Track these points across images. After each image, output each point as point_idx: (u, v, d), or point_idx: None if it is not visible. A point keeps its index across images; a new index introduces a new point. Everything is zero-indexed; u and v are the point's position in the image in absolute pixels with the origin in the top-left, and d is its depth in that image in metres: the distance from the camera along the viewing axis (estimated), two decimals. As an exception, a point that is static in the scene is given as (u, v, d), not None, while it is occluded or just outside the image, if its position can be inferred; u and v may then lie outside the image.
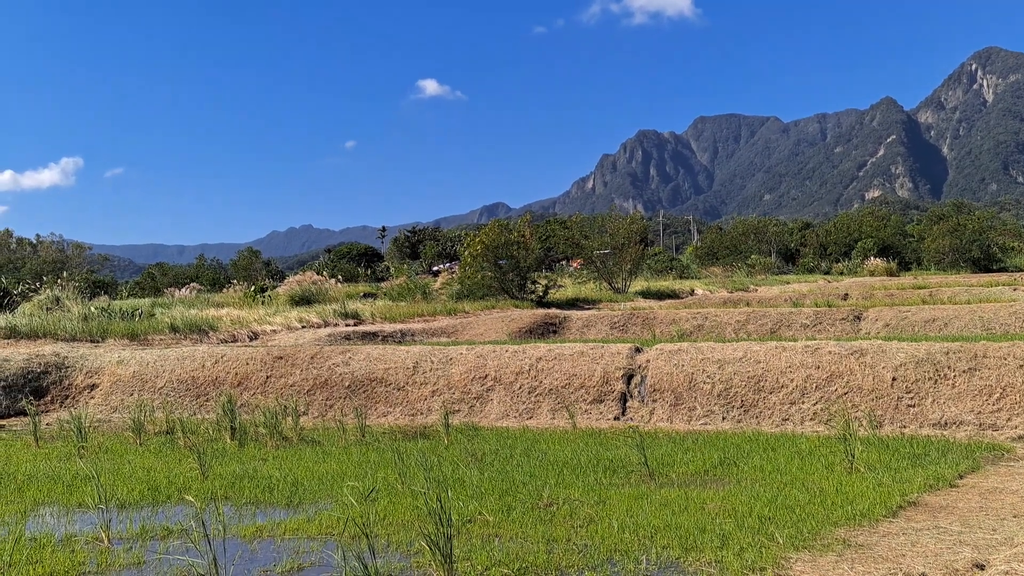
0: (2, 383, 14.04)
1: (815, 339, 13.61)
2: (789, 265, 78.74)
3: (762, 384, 11.54)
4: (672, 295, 37.93)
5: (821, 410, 11.01)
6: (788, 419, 11.06)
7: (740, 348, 12.31)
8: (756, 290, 41.20)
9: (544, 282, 34.17)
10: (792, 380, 11.44)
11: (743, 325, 21.63)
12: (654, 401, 11.93)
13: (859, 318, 20.90)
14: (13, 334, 17.62)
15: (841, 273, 61.37)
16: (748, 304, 28.30)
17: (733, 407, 11.44)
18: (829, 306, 22.96)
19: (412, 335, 21.48)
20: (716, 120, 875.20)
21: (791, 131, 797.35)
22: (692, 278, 56.11)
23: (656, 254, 71.84)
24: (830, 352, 11.66)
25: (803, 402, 11.20)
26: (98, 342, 17.68)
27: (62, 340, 17.47)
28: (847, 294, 31.25)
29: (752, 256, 71.32)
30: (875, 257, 64.54)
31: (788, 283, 48.99)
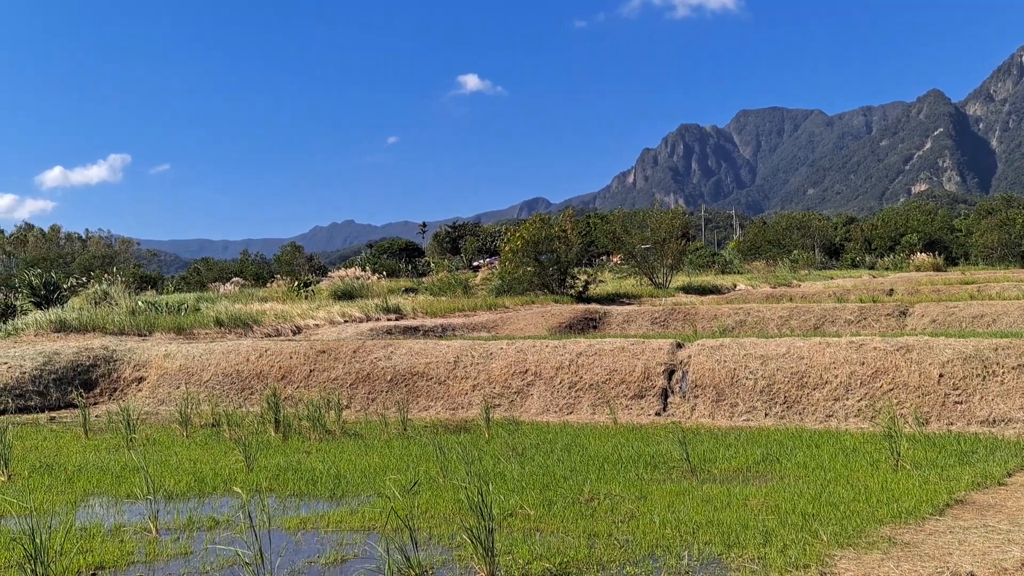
0: (53, 376, 14.36)
1: (860, 335, 13.42)
2: (833, 260, 77.69)
3: (805, 380, 11.41)
4: (714, 290, 37.62)
5: (866, 407, 10.86)
6: (832, 415, 10.93)
7: (783, 344, 12.18)
8: (799, 285, 40.69)
9: (584, 277, 34.08)
10: (836, 376, 11.30)
11: (786, 321, 21.39)
12: (695, 397, 11.86)
13: (905, 314, 20.57)
14: (63, 328, 18.02)
15: (886, 268, 60.37)
16: (791, 300, 27.97)
17: (776, 403, 11.33)
18: (874, 301, 22.64)
19: (452, 330, 21.57)
20: (759, 113, 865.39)
21: (835, 124, 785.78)
22: (734, 273, 55.60)
23: (697, 249, 71.30)
24: (875, 348, 11.49)
25: (847, 398, 11.06)
26: (145, 336, 18.00)
27: (110, 334, 17.82)
28: (892, 289, 30.76)
29: (795, 251, 70.45)
30: (921, 252, 63.38)
31: (832, 278, 48.32)
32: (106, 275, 32.27)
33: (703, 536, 5.76)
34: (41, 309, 22.76)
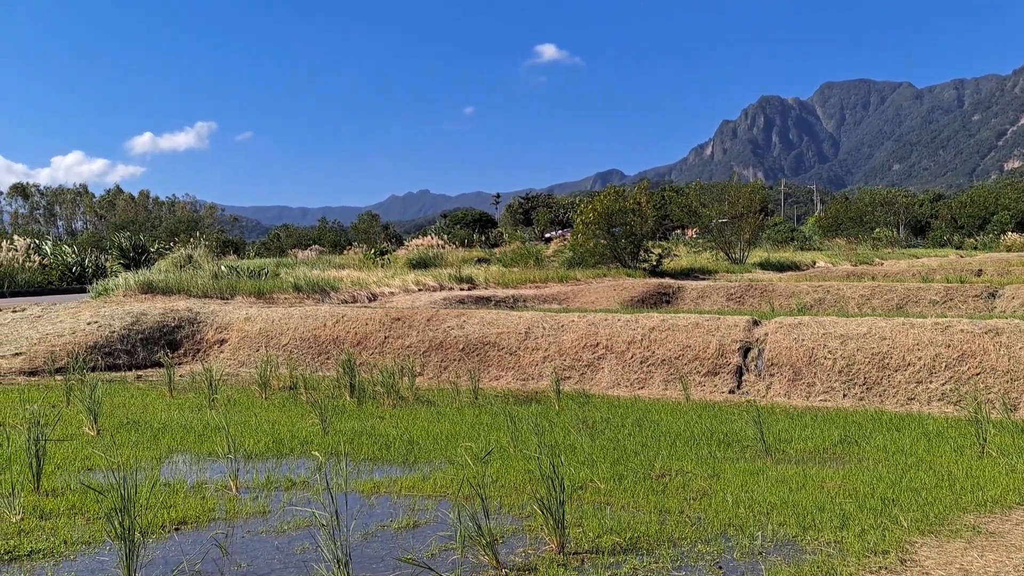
0: (140, 336, 14.87)
1: (945, 316, 12.98)
2: (918, 238, 75.31)
3: (887, 361, 11.10)
4: (792, 267, 36.89)
5: (950, 391, 10.52)
6: (914, 398, 10.62)
7: (864, 323, 11.86)
8: (882, 264, 39.60)
9: (658, 251, 33.74)
10: (920, 358, 10.96)
11: (867, 300, 20.84)
12: (771, 375, 11.65)
13: (994, 295, 19.82)
14: (150, 289, 18.62)
15: (975, 248, 58.27)
16: (873, 278, 27.22)
17: (855, 384, 11.06)
18: (961, 282, 21.86)
19: (524, 301, 21.61)
20: (844, 86, 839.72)
21: (925, 97, 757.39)
22: (814, 250, 54.37)
23: (776, 224, 69.89)
24: (962, 330, 11.10)
25: (931, 381, 10.72)
26: (227, 299, 18.49)
27: (194, 296, 18.36)
28: (981, 270, 29.67)
29: (879, 228, 68.48)
30: (1012, 231, 60.91)
31: (917, 257, 46.90)
32: (191, 239, 33.24)
33: (777, 517, 5.66)
34: (129, 271, 23.58)
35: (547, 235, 74.26)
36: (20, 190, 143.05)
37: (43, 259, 28.08)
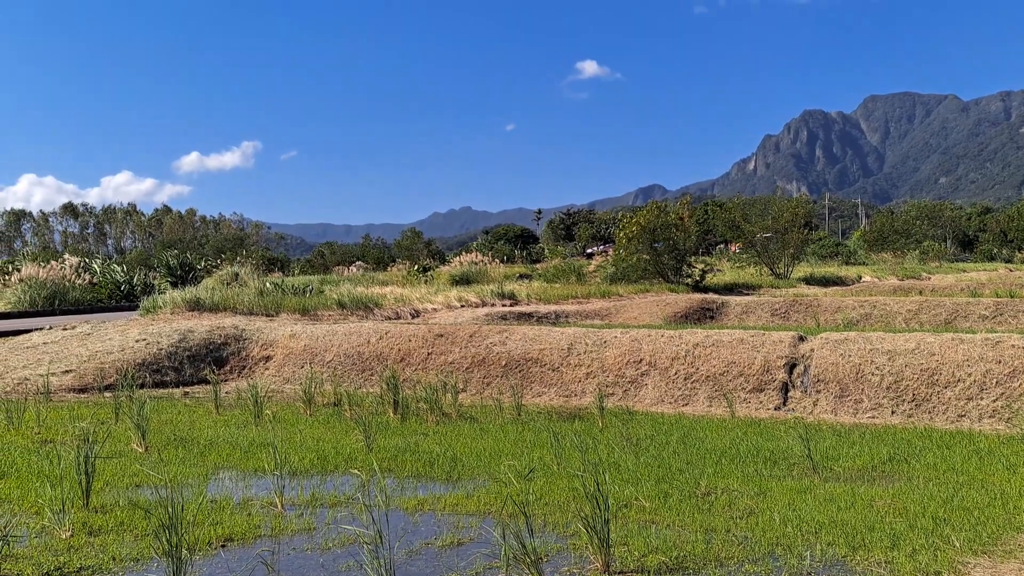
0: (187, 353, 15.10)
1: (995, 331, 12.70)
2: (966, 252, 73.88)
3: (936, 378, 10.87)
4: (837, 282, 36.39)
5: (1002, 407, 10.27)
6: (964, 415, 10.38)
7: (912, 339, 11.64)
8: (929, 278, 38.91)
9: (701, 266, 33.50)
10: (970, 375, 10.72)
11: (915, 315, 20.47)
12: (818, 392, 11.48)
13: (1048, 310, 19.34)
14: (197, 306, 18.91)
15: (1026, 261, 56.92)
16: (921, 293, 26.74)
17: (903, 401, 10.85)
18: (1011, 296, 21.39)
19: (566, 316, 21.57)
20: (888, 99, 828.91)
21: (971, 110, 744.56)
22: (859, 264, 53.62)
23: (820, 239, 69.06)
24: (1013, 346, 10.84)
25: (981, 398, 10.48)
26: (272, 316, 18.71)
27: (240, 313, 18.60)
28: (1034, 284, 28.98)
29: (925, 242, 67.30)
30: (1066, 244, 59.46)
31: (965, 271, 46.00)
32: (237, 257, 33.71)
33: (826, 536, 5.56)
34: (177, 288, 23.99)
35: (589, 250, 74.15)
36: (70, 210, 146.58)
37: (93, 277, 28.69)
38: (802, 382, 11.70)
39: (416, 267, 40.79)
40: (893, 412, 10.76)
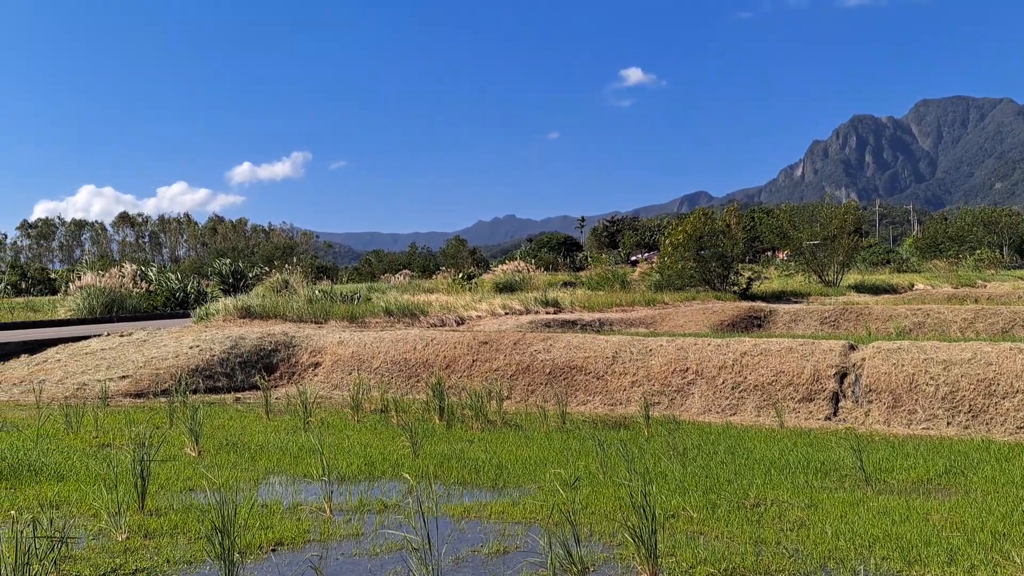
0: (239, 359, 15.34)
1: (1057, 341, 12.36)
2: (1023, 259, 71.97)
3: (994, 388, 10.62)
4: (888, 289, 35.74)
5: (1063, 420, 9.99)
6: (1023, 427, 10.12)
7: (968, 348, 11.39)
8: (985, 286, 38.02)
9: (748, 274, 33.15)
10: (1029, 386, 10.44)
11: (970, 323, 20.02)
12: (869, 402, 11.27)
13: (1110, 319, 18.79)
14: (248, 313, 19.21)
15: (1087, 268, 55.35)
16: (976, 301, 26.16)
17: (959, 412, 10.61)
18: (1073, 305, 20.79)
19: (610, 324, 21.48)
20: (941, 103, 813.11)
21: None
22: (911, 271, 52.64)
23: (871, 246, 67.93)
24: (1076, 356, 10.54)
25: (1042, 410, 10.20)
26: (321, 323, 18.92)
27: (290, 320, 18.85)
28: (1095, 292, 28.17)
29: (980, 249, 65.78)
30: None
31: (1022, 279, 44.85)
32: (287, 265, 34.20)
33: (880, 551, 5.46)
34: (229, 296, 24.39)
35: (633, 258, 73.81)
36: (127, 219, 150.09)
37: (149, 285, 29.29)
38: (853, 392, 11.51)
39: (461, 275, 40.97)
40: (948, 423, 10.54)
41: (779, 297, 30.89)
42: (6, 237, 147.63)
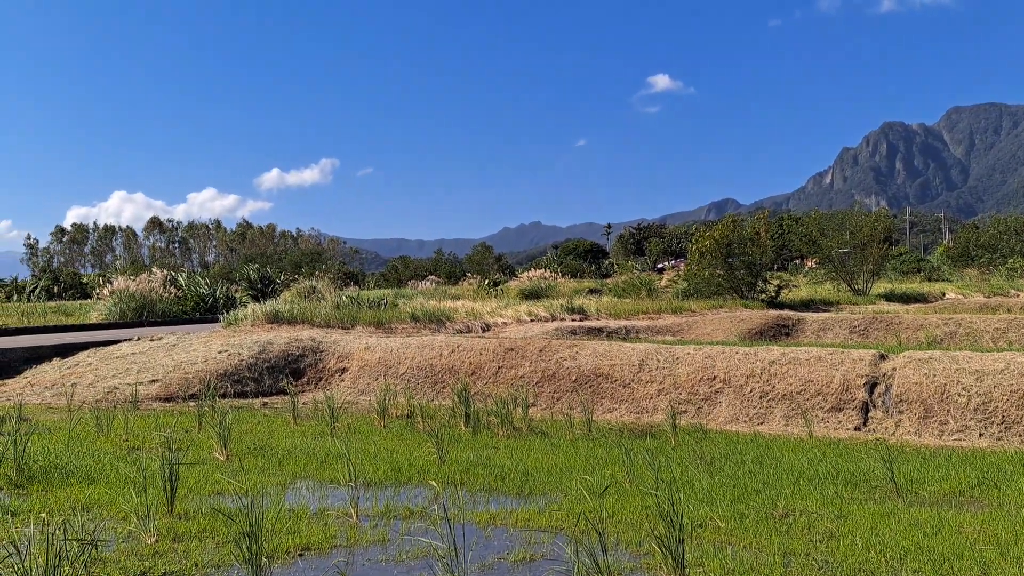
0: (267, 364, 15.44)
1: (1093, 352, 12.13)
2: (1058, 268, 70.75)
3: (1028, 400, 10.43)
4: (919, 298, 35.31)
5: (1100, 432, 9.81)
6: (1059, 440, 9.94)
7: (1001, 359, 11.22)
8: (1018, 295, 37.46)
9: (776, 282, 32.88)
10: (1064, 397, 10.26)
11: (1003, 333, 19.72)
12: (900, 412, 11.14)
13: None
14: (276, 319, 19.34)
15: (1122, 278, 54.33)
16: (1009, 310, 25.78)
17: (992, 423, 10.45)
18: (1110, 315, 20.43)
19: (636, 332, 21.39)
20: (973, 110, 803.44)
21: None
22: (942, 280, 52.01)
23: (901, 254, 67.21)
24: (1113, 368, 10.35)
25: (1078, 422, 10.02)
26: (348, 329, 19.01)
27: (317, 326, 18.95)
28: None
29: (1013, 258, 64.79)
30: None
31: (1057, 288, 44.11)
32: (314, 271, 34.41)
33: (911, 563, 5.38)
34: (257, 301, 24.57)
35: (660, 265, 73.49)
36: (157, 225, 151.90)
37: (178, 290, 29.58)
38: (883, 402, 11.37)
39: (487, 281, 41.02)
40: (981, 435, 10.38)
41: (808, 305, 30.62)
42: (38, 243, 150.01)
